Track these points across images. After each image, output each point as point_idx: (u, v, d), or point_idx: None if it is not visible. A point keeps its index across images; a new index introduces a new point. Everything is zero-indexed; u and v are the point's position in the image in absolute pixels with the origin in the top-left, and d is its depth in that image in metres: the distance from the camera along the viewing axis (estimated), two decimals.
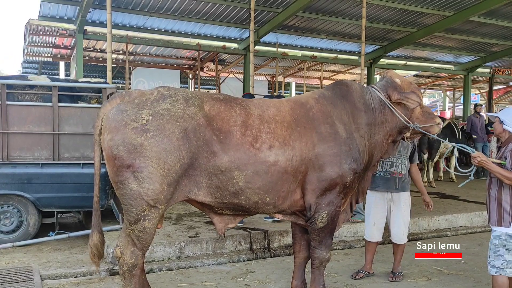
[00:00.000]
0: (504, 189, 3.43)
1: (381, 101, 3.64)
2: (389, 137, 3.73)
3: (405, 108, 3.67)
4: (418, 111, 3.71)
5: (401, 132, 3.74)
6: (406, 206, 4.43)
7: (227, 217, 3.36)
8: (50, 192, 5.37)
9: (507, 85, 20.48)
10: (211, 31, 11.38)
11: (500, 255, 3.41)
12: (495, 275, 3.44)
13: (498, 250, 3.42)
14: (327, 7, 10.09)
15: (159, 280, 4.37)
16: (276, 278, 4.49)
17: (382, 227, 4.52)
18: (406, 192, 4.44)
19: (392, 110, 3.62)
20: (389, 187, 4.38)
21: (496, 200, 3.47)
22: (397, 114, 3.61)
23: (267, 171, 3.18)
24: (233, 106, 3.26)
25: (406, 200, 4.44)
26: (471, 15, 10.33)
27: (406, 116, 3.65)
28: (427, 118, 3.74)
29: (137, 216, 2.97)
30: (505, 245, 3.40)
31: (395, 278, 4.42)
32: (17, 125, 5.29)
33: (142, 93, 3.13)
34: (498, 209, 3.45)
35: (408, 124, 3.64)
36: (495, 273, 3.43)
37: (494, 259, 3.44)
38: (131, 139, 2.90)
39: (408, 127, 3.67)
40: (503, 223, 3.41)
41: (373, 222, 4.49)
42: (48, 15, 9.69)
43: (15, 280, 4.16)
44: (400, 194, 4.39)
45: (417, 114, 3.70)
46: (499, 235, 3.43)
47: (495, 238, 3.45)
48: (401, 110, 3.64)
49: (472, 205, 7.46)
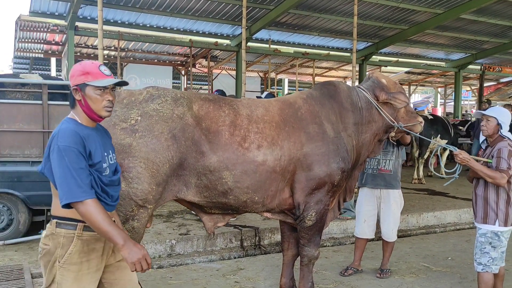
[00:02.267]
0: (490, 187, 3.48)
1: (368, 101, 3.70)
2: (376, 136, 3.79)
3: (391, 108, 3.73)
4: (403, 110, 3.79)
5: (387, 131, 3.82)
6: (395, 204, 4.48)
7: (216, 216, 3.39)
8: (40, 190, 5.35)
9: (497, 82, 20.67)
10: (203, 27, 11.37)
11: (486, 252, 3.47)
12: (481, 272, 3.50)
13: (484, 248, 3.48)
14: (319, 4, 10.11)
15: (149, 278, 4.40)
16: (266, 275, 4.53)
17: (373, 224, 4.57)
18: (396, 190, 4.49)
19: (378, 110, 3.67)
20: (377, 184, 4.44)
21: (483, 198, 3.51)
22: (383, 113, 3.67)
23: (256, 170, 3.21)
24: (222, 106, 3.28)
25: (396, 198, 4.49)
26: (462, 13, 10.42)
27: (392, 116, 3.72)
28: (410, 117, 3.83)
29: (126, 216, 2.98)
30: (490, 242, 3.46)
31: (383, 275, 4.49)
32: (7, 123, 5.27)
33: (131, 93, 3.14)
34: (484, 206, 3.50)
35: (393, 123, 3.71)
36: (482, 270, 3.50)
37: (480, 256, 3.50)
38: (120, 139, 2.92)
39: (393, 126, 3.74)
40: (488, 221, 3.47)
41: (363, 219, 4.55)
42: (39, 11, 9.63)
43: (6, 278, 4.16)
44: (390, 191, 4.44)
45: (402, 113, 3.79)
46: (485, 232, 3.48)
47: (481, 235, 3.51)
48: (387, 110, 3.71)
49: (461, 202, 7.56)
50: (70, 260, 2.16)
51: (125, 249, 2.06)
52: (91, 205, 2.05)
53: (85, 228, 2.19)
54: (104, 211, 2.08)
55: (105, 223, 2.04)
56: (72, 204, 2.05)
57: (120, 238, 2.06)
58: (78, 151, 2.09)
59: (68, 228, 2.18)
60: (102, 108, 2.23)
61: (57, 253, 2.17)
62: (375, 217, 4.55)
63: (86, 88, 2.19)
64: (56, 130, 2.17)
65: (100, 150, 2.24)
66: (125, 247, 2.06)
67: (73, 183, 2.04)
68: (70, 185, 2.04)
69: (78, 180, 2.05)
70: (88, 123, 2.26)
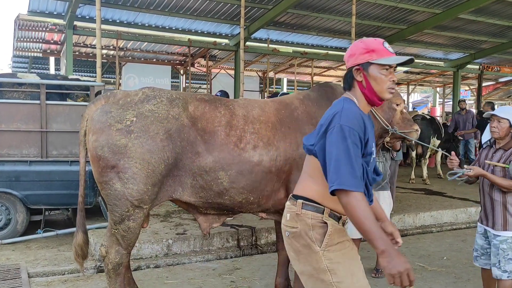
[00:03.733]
0: (508, 192, 3.30)
1: None
2: None
3: (386, 113, 3.75)
4: (399, 116, 3.81)
5: (382, 136, 3.82)
6: (385, 204, 4.49)
7: (212, 216, 3.41)
8: (38, 190, 5.39)
9: (496, 82, 20.69)
10: (202, 27, 11.37)
11: (510, 258, 3.27)
12: (507, 279, 3.29)
13: (507, 255, 3.28)
14: (317, 4, 10.12)
15: (146, 277, 4.42)
16: (261, 275, 4.56)
17: None
18: (386, 191, 4.51)
19: (373, 113, 3.68)
20: None
21: (502, 204, 3.32)
22: (378, 117, 3.68)
23: (251, 171, 3.23)
24: (218, 107, 3.30)
25: (386, 198, 4.50)
26: (460, 13, 10.41)
27: (387, 121, 3.74)
28: (406, 125, 3.84)
29: (121, 216, 3.01)
30: None
31: (378, 274, 4.51)
32: (5, 123, 5.29)
33: (126, 94, 3.16)
34: (504, 213, 3.31)
35: (387, 127, 3.72)
36: (508, 277, 3.28)
37: (505, 264, 3.28)
38: (116, 140, 2.94)
39: (388, 131, 3.75)
40: (508, 227, 3.29)
41: None
42: (38, 10, 9.62)
43: (3, 277, 4.18)
44: (379, 192, 4.46)
45: (397, 119, 3.80)
46: (506, 239, 3.29)
47: (502, 242, 3.30)
48: (382, 115, 3.72)
49: (458, 202, 7.58)
50: (331, 242, 1.97)
51: (385, 257, 1.78)
52: (358, 198, 1.82)
53: (331, 215, 2.02)
54: (369, 209, 1.84)
55: (368, 221, 1.80)
56: (338, 192, 1.84)
57: (382, 243, 1.78)
58: (359, 137, 1.89)
59: (314, 211, 2.00)
60: (386, 90, 2.00)
61: (310, 236, 1.98)
62: None
63: (369, 68, 1.98)
64: (339, 107, 1.96)
65: (372, 141, 2.04)
66: (385, 255, 1.78)
67: (347, 169, 1.83)
68: (343, 171, 1.82)
69: (353, 168, 1.83)
70: (364, 108, 2.05)
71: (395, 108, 3.80)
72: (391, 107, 3.80)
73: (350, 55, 2.05)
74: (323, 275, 1.97)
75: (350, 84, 2.06)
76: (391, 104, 3.79)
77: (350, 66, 2.04)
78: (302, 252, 2.01)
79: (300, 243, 2.01)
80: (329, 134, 1.91)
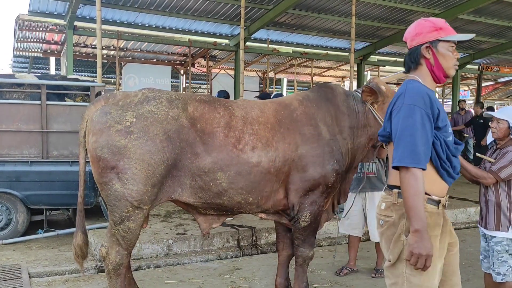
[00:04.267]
0: (501, 192, 3.32)
1: (364, 105, 3.72)
2: (371, 141, 3.80)
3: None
4: None
5: None
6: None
7: (211, 217, 3.42)
8: (39, 190, 5.41)
9: (495, 82, 20.69)
10: (202, 27, 11.38)
11: (504, 261, 3.27)
12: (502, 282, 3.30)
13: (501, 257, 3.28)
14: (317, 4, 10.13)
15: (146, 277, 4.44)
16: (262, 275, 4.57)
17: (357, 223, 4.60)
18: (382, 192, 4.50)
19: (373, 114, 3.69)
20: (363, 187, 4.45)
21: (495, 204, 3.33)
22: (377, 118, 3.69)
23: (250, 171, 3.24)
24: (217, 108, 3.31)
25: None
26: (459, 13, 10.43)
27: None
28: None
29: (121, 217, 3.02)
30: (507, 250, 3.27)
31: (378, 275, 4.52)
32: (6, 123, 5.31)
33: (126, 95, 3.17)
34: (497, 212, 3.32)
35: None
36: (501, 280, 3.29)
37: (498, 266, 3.29)
38: (115, 141, 2.95)
39: None
40: (501, 227, 3.29)
41: (346, 217, 4.59)
42: (38, 10, 9.63)
43: (4, 278, 4.20)
44: (375, 193, 4.46)
45: None
46: (500, 240, 3.29)
47: (497, 244, 3.31)
48: (383, 116, 3.72)
49: (457, 202, 7.59)
50: None
51: (416, 237, 1.86)
52: (414, 175, 1.88)
53: (429, 201, 2.04)
54: (422, 188, 1.90)
55: (415, 198, 1.86)
56: (399, 168, 1.92)
57: (419, 222, 1.86)
58: (425, 113, 1.94)
59: None
60: (452, 66, 2.09)
61: (401, 224, 2.01)
62: (360, 216, 4.57)
63: (438, 45, 2.06)
64: (403, 89, 2.04)
65: (444, 114, 2.07)
66: (417, 234, 1.86)
67: (406, 146, 1.89)
68: (404, 148, 1.90)
69: (413, 144, 1.89)
70: (431, 85, 2.11)
71: None
72: None
73: (417, 33, 2.11)
74: (400, 263, 2.01)
75: (416, 63, 2.12)
76: None
77: (417, 44, 2.10)
78: (391, 240, 2.05)
79: (391, 231, 2.05)
80: (394, 115, 2.00)
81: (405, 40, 2.20)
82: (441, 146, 1.99)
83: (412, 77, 2.12)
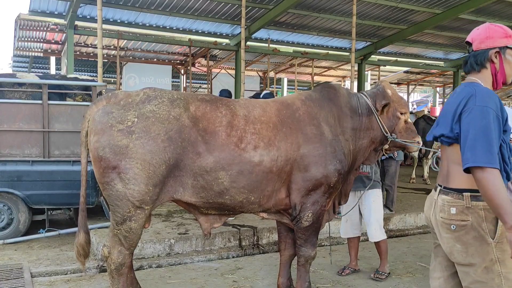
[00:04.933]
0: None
1: (368, 108, 3.71)
2: (372, 144, 3.79)
3: (390, 120, 3.75)
4: (402, 125, 3.80)
5: (383, 142, 3.81)
6: (375, 203, 4.49)
7: (213, 217, 3.42)
8: (40, 189, 5.41)
9: None
10: (203, 27, 11.37)
11: None
12: None
13: None
14: (318, 4, 10.12)
15: (148, 277, 4.44)
16: (263, 274, 4.57)
17: (356, 223, 4.60)
18: (376, 189, 4.51)
19: (376, 119, 3.69)
20: (358, 187, 4.45)
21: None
22: (379, 122, 3.68)
23: (252, 171, 3.23)
24: (219, 107, 3.31)
25: (376, 197, 4.50)
26: (460, 13, 10.41)
27: (389, 128, 3.73)
28: (408, 135, 3.82)
29: (123, 217, 3.02)
30: None
31: (376, 276, 4.48)
32: (7, 123, 5.31)
33: (128, 95, 3.17)
34: None
35: (385, 134, 3.72)
36: None
37: None
38: (117, 141, 2.95)
39: (387, 138, 3.74)
40: None
41: (345, 219, 4.59)
42: (39, 10, 9.62)
43: (6, 277, 4.20)
44: (369, 192, 4.46)
45: (400, 128, 3.79)
46: None
47: None
48: (386, 122, 3.72)
49: None
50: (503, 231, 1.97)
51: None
52: (492, 174, 1.88)
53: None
54: (503, 184, 1.91)
55: (500, 196, 1.86)
56: (472, 169, 1.92)
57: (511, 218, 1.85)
58: (496, 115, 1.98)
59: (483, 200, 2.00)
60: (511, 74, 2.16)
61: (484, 227, 2.01)
62: (357, 216, 4.58)
63: (506, 51, 2.11)
64: (472, 91, 2.04)
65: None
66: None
67: (482, 147, 1.91)
68: (478, 149, 1.91)
69: (489, 145, 1.91)
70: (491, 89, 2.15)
71: (399, 117, 3.79)
72: (396, 115, 3.78)
73: (487, 37, 2.13)
74: (492, 265, 2.01)
75: (482, 65, 2.14)
76: (396, 112, 3.78)
77: (486, 47, 2.12)
78: (472, 244, 2.04)
79: (471, 235, 2.03)
80: (465, 116, 2.00)
81: (471, 41, 2.20)
82: (506, 149, 2.04)
83: (474, 80, 2.14)
